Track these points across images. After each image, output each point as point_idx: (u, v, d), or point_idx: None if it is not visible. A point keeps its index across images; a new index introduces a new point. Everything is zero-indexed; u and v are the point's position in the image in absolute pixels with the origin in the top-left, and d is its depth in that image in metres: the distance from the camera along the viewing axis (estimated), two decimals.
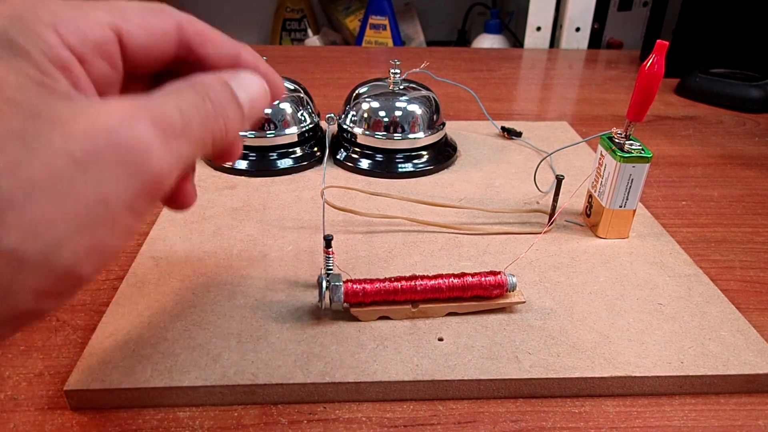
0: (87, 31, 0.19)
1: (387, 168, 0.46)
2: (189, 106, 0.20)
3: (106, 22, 0.20)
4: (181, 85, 0.21)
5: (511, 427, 0.26)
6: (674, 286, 0.33)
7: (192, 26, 0.23)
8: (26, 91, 0.17)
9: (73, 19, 0.19)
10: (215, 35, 0.24)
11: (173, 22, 0.22)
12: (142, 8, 0.21)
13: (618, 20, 0.98)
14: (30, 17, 0.18)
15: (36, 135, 0.16)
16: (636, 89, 0.34)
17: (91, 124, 0.17)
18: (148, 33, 0.21)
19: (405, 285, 0.29)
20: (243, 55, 0.24)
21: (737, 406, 0.27)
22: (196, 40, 0.23)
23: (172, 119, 0.19)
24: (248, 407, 0.26)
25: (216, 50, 0.24)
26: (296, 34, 1.29)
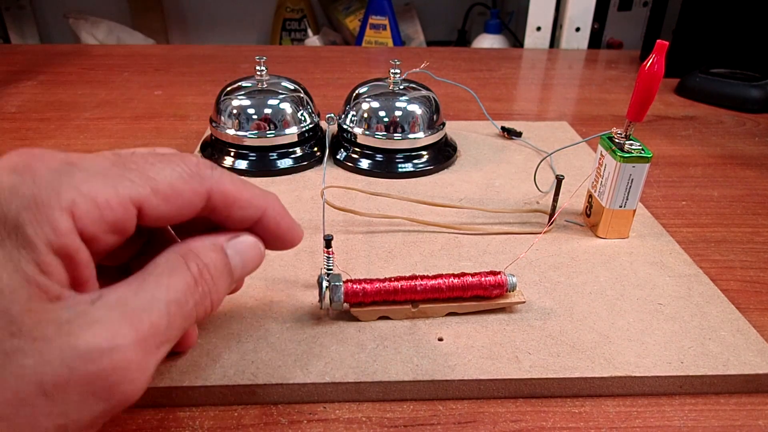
0: (105, 212, 0.18)
1: (387, 168, 0.47)
2: (179, 296, 0.19)
3: (129, 197, 0.19)
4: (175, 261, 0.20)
5: (511, 427, 0.26)
6: (674, 286, 0.33)
7: (221, 191, 0.22)
8: (16, 296, 0.16)
9: (95, 196, 0.18)
10: (243, 197, 0.23)
11: (203, 191, 0.21)
12: (174, 177, 0.20)
13: (618, 20, 0.98)
14: (48, 197, 0.17)
15: (10, 357, 0.16)
16: (636, 89, 0.34)
17: (71, 347, 0.17)
18: (173, 205, 0.20)
19: (405, 285, 0.29)
20: (268, 213, 0.24)
21: (737, 406, 0.27)
22: (221, 206, 0.22)
23: (159, 326, 0.18)
24: (248, 407, 0.26)
25: (239, 213, 0.23)
26: (296, 34, 1.29)
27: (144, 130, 0.56)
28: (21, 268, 0.17)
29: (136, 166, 0.20)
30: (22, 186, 0.17)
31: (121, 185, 0.19)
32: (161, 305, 0.19)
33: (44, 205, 0.17)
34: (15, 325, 0.16)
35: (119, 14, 1.25)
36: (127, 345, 0.17)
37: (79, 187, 0.18)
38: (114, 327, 0.17)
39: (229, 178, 0.22)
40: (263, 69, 0.47)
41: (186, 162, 0.21)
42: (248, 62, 0.82)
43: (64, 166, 0.18)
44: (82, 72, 0.76)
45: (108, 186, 0.19)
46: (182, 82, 0.72)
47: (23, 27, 1.19)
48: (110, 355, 0.17)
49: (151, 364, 0.19)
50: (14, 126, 0.57)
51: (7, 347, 0.16)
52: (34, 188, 0.17)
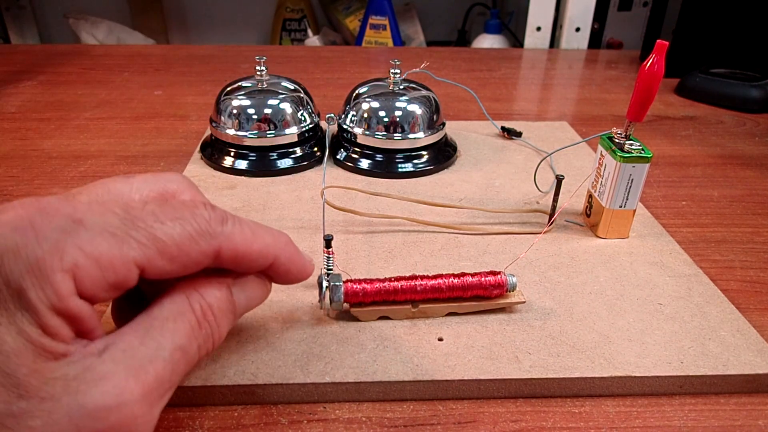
0: (107, 273, 0.18)
1: (387, 168, 0.46)
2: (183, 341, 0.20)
3: (133, 259, 0.19)
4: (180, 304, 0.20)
5: (511, 427, 0.26)
6: (674, 286, 0.33)
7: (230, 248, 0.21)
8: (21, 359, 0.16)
9: (98, 257, 0.18)
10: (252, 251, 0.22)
11: (211, 250, 0.21)
12: (183, 237, 0.20)
13: (618, 20, 0.98)
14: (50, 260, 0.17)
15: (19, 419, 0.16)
16: (636, 89, 0.34)
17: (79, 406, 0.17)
18: (178, 264, 0.20)
19: (405, 285, 0.29)
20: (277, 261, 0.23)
21: (737, 406, 0.27)
22: (229, 261, 0.22)
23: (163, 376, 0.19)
24: (248, 407, 0.26)
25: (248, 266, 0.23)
26: (296, 34, 1.29)
27: (144, 130, 0.56)
28: (24, 331, 0.17)
29: (144, 225, 0.19)
30: (26, 247, 0.17)
31: (127, 246, 0.18)
32: (166, 354, 0.19)
33: (46, 268, 0.17)
34: (22, 387, 0.16)
35: (119, 14, 1.25)
36: (133, 400, 0.18)
37: (84, 247, 0.18)
38: (121, 382, 0.18)
39: (240, 232, 0.22)
40: (263, 69, 0.47)
41: (197, 218, 0.20)
42: (248, 62, 0.82)
43: (69, 224, 0.18)
44: (82, 72, 0.76)
45: (113, 247, 0.18)
46: (182, 82, 0.72)
47: (23, 27, 1.19)
48: (118, 411, 0.17)
49: (155, 415, 0.19)
50: (14, 126, 0.57)
51: (15, 410, 0.16)
52: (37, 250, 0.17)
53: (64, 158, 0.50)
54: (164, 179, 0.23)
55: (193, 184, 0.25)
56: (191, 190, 0.24)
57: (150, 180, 0.23)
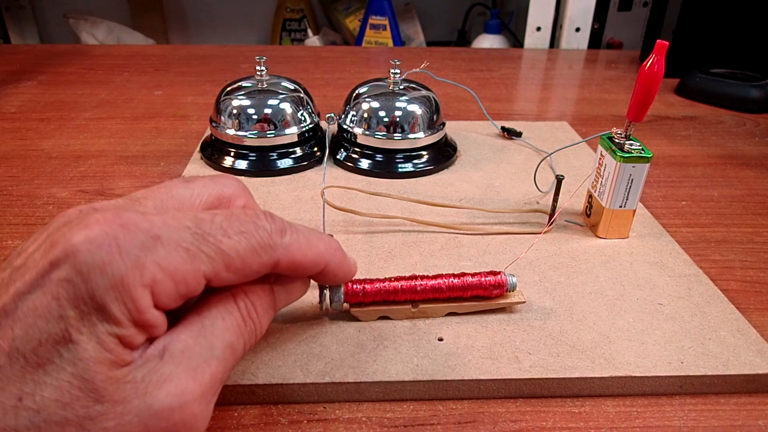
0: (180, 287, 0.19)
1: (387, 168, 0.47)
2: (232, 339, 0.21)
3: (203, 274, 0.20)
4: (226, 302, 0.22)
5: (511, 427, 0.26)
6: (674, 286, 0.33)
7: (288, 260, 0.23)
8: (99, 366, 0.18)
9: (174, 273, 0.19)
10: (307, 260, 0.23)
11: (271, 263, 0.22)
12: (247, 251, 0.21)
13: (618, 20, 0.98)
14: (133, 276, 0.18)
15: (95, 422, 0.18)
16: (636, 89, 0.34)
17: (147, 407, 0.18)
18: (240, 275, 0.21)
19: (405, 285, 0.29)
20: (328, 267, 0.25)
21: (737, 406, 0.27)
22: (286, 271, 0.23)
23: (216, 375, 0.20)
24: (248, 407, 0.26)
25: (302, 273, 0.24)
26: (296, 34, 1.29)
27: (144, 130, 0.56)
28: (104, 342, 0.18)
29: (213, 240, 0.20)
30: (111, 264, 0.18)
31: (198, 261, 0.20)
32: (218, 352, 0.21)
33: (129, 284, 0.18)
34: (98, 393, 0.18)
35: (119, 14, 1.25)
36: (194, 400, 0.19)
37: (161, 263, 0.19)
38: (182, 384, 0.19)
39: (297, 242, 0.23)
40: (263, 69, 0.47)
41: (260, 232, 0.22)
42: (248, 62, 0.82)
43: (148, 241, 0.19)
44: (82, 72, 0.76)
45: (186, 263, 0.19)
46: (182, 82, 0.72)
47: (23, 27, 1.19)
48: (180, 411, 0.19)
49: (210, 410, 0.21)
50: (14, 126, 0.57)
51: (93, 413, 0.18)
52: (121, 266, 0.18)
53: (64, 158, 0.50)
54: (221, 184, 0.25)
55: (247, 189, 0.26)
56: (245, 195, 0.26)
57: (209, 185, 0.24)
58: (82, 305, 0.18)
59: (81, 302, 0.18)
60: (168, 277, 0.19)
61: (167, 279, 0.19)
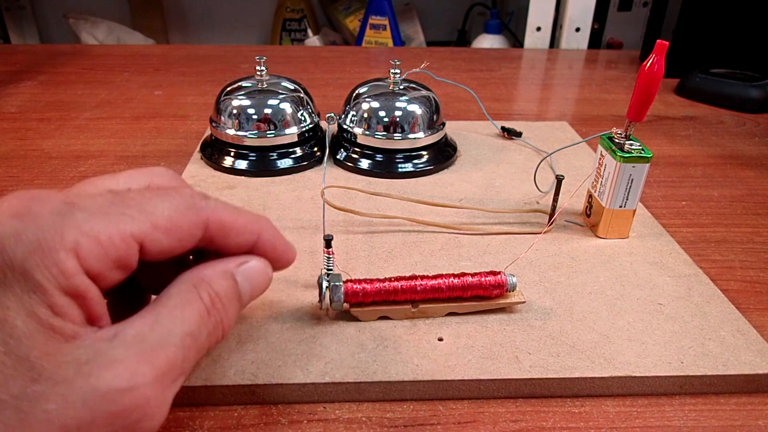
0: (108, 248, 0.19)
1: (387, 168, 0.46)
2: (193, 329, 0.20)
3: (131, 233, 0.19)
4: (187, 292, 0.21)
5: (511, 427, 0.26)
6: (674, 286, 0.33)
7: (217, 220, 0.22)
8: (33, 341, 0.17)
9: (98, 234, 0.18)
10: (238, 223, 0.23)
11: (200, 221, 0.22)
12: (171, 210, 0.21)
13: (618, 20, 0.98)
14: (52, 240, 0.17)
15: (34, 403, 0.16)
16: (636, 89, 0.34)
17: (92, 389, 0.17)
18: (173, 237, 0.21)
19: (405, 285, 0.29)
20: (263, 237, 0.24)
21: (737, 406, 0.27)
22: (218, 234, 0.23)
23: (175, 361, 0.19)
24: (248, 407, 0.26)
25: (236, 239, 0.23)
26: (296, 34, 1.29)
27: (144, 130, 0.56)
28: (34, 313, 0.17)
29: (134, 203, 0.20)
30: (26, 231, 0.17)
31: (122, 222, 0.19)
32: (176, 339, 0.19)
33: (49, 248, 0.17)
34: (35, 371, 0.17)
35: (119, 14, 1.25)
36: (146, 383, 0.18)
37: (81, 226, 0.18)
38: (133, 365, 0.18)
39: (224, 206, 0.23)
40: (263, 69, 0.47)
41: (181, 194, 0.21)
42: (248, 62, 0.82)
43: (64, 207, 0.18)
44: (82, 72, 0.76)
45: (109, 224, 0.19)
46: (182, 82, 0.72)
47: (23, 27, 1.19)
48: (130, 393, 0.17)
49: (168, 399, 0.19)
50: (14, 126, 0.57)
51: (30, 393, 0.16)
52: (37, 232, 0.17)
53: (64, 158, 0.50)
54: (149, 173, 0.24)
55: (179, 177, 0.25)
56: (178, 182, 0.25)
57: (135, 175, 0.24)
58: (2, 277, 0.17)
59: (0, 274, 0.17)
60: (92, 239, 0.18)
61: (91, 241, 0.18)
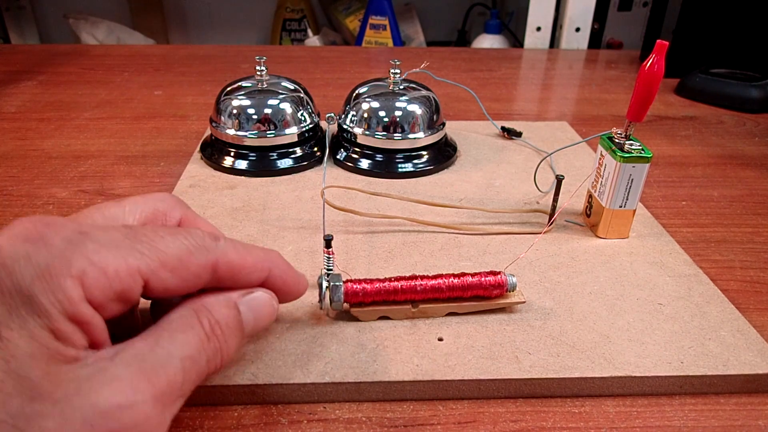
0: (114, 282, 0.19)
1: (387, 168, 0.46)
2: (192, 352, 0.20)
3: (138, 269, 0.19)
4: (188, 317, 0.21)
5: (511, 427, 0.26)
6: (674, 286, 0.33)
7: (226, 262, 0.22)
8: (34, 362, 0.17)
9: (106, 266, 0.19)
10: (247, 264, 0.23)
11: (209, 264, 0.22)
12: (182, 250, 0.21)
13: (618, 20, 0.98)
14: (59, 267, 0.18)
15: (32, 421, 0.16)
16: (636, 89, 0.34)
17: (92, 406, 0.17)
18: (180, 278, 0.21)
19: (405, 285, 0.29)
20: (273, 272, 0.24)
21: (737, 406, 0.27)
22: (227, 276, 0.23)
23: (175, 382, 0.19)
24: (248, 407, 0.26)
25: (246, 279, 0.23)
26: (296, 34, 1.29)
27: (144, 130, 0.56)
28: (37, 336, 0.17)
29: (146, 239, 0.20)
30: (37, 255, 0.18)
31: (131, 257, 0.19)
32: (176, 361, 0.19)
33: (57, 274, 0.18)
34: (35, 390, 0.17)
35: (119, 14, 1.25)
36: (145, 401, 0.18)
37: (91, 257, 0.18)
38: (132, 383, 0.18)
39: (233, 247, 0.23)
40: (263, 69, 0.47)
41: (192, 235, 0.22)
42: (248, 62, 0.82)
43: (76, 236, 0.19)
44: (82, 72, 0.76)
45: (118, 257, 0.19)
46: (182, 82, 0.72)
47: (23, 27, 1.19)
48: (130, 411, 0.18)
49: (167, 419, 0.19)
50: (14, 126, 0.57)
51: (29, 412, 0.16)
52: (48, 258, 0.18)
53: (64, 158, 0.50)
54: (153, 199, 0.24)
55: (182, 202, 0.26)
56: (181, 207, 0.25)
57: (140, 201, 0.24)
58: (9, 299, 0.17)
59: (8, 296, 0.17)
60: (99, 270, 0.18)
61: (98, 272, 0.18)
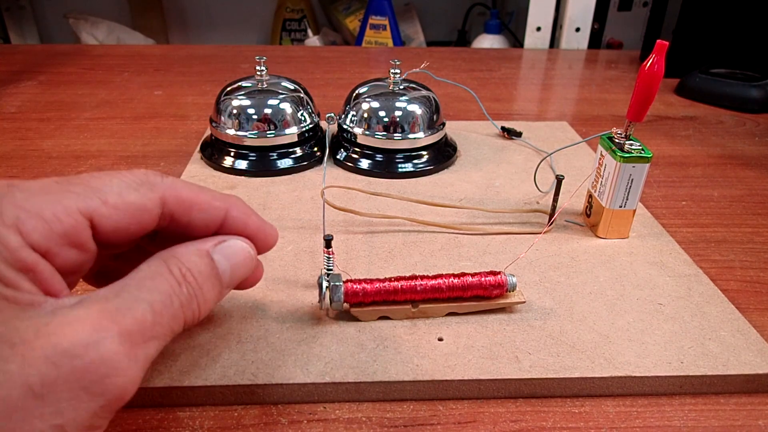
0: (53, 224, 0.18)
1: (387, 168, 0.46)
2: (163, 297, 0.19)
3: (77, 208, 0.19)
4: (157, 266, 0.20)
5: (511, 427, 0.26)
6: (674, 286, 0.33)
7: (175, 196, 0.22)
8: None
9: (40, 210, 0.18)
10: (200, 200, 0.22)
11: (155, 197, 0.21)
12: (121, 186, 0.20)
13: (618, 20, 0.98)
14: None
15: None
16: (636, 89, 0.34)
17: (53, 346, 0.16)
18: (126, 213, 0.20)
19: (405, 285, 0.29)
20: (231, 213, 0.23)
21: (737, 406, 0.27)
22: (179, 210, 0.22)
23: (143, 321, 0.18)
24: (248, 407, 0.26)
25: (201, 215, 0.23)
26: (296, 34, 1.29)
27: (144, 130, 0.56)
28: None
29: (79, 181, 0.20)
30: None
31: (66, 198, 0.19)
32: (144, 303, 0.19)
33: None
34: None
35: (119, 14, 1.25)
36: (110, 337, 0.17)
37: (22, 205, 0.18)
38: (95, 322, 0.17)
39: (183, 183, 0.22)
40: (263, 69, 0.47)
41: (133, 173, 0.21)
42: (248, 62, 0.82)
43: (4, 189, 0.18)
44: (82, 72, 0.76)
45: (52, 200, 0.19)
46: (182, 82, 0.72)
47: (23, 27, 1.19)
48: (95, 348, 0.17)
49: (140, 357, 0.18)
50: (14, 126, 0.57)
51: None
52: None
53: (64, 158, 0.50)
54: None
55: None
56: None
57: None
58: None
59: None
60: (33, 215, 0.18)
61: (33, 217, 0.18)
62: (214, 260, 0.22)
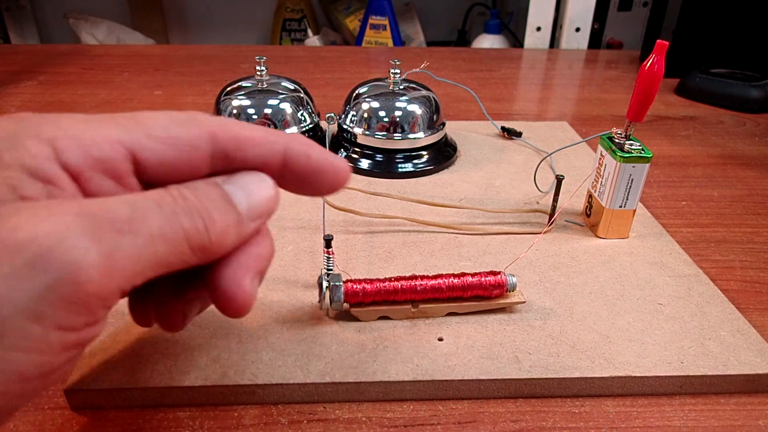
0: (90, 148, 0.18)
1: (387, 168, 0.46)
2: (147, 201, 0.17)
3: (118, 139, 0.18)
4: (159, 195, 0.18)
5: (511, 427, 0.26)
6: (674, 286, 0.33)
7: (226, 132, 0.20)
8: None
9: (80, 135, 0.18)
10: (255, 135, 0.21)
11: (204, 133, 0.20)
12: (168, 121, 0.19)
13: (618, 20, 0.98)
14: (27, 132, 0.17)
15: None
16: (636, 89, 0.34)
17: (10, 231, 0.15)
18: (172, 147, 0.19)
19: (405, 285, 0.29)
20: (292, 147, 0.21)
21: (737, 406, 0.27)
22: (231, 146, 0.20)
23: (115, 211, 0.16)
24: (248, 407, 0.26)
25: (257, 150, 0.20)
26: (296, 34, 1.29)
27: None
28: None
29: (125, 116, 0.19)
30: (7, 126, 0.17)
31: (108, 128, 0.18)
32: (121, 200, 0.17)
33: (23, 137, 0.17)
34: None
35: (119, 14, 1.25)
36: (63, 213, 0.16)
37: (64, 127, 0.18)
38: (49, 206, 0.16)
39: (235, 122, 0.21)
40: (263, 69, 0.47)
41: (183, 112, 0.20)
42: (248, 62, 0.82)
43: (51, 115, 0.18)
44: (82, 72, 0.76)
45: (93, 127, 0.18)
46: (182, 82, 0.72)
47: (23, 27, 1.19)
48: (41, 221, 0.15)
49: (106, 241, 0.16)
50: None
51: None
52: (17, 126, 0.17)
53: None
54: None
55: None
56: None
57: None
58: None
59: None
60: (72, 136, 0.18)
61: (71, 138, 0.17)
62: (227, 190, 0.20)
